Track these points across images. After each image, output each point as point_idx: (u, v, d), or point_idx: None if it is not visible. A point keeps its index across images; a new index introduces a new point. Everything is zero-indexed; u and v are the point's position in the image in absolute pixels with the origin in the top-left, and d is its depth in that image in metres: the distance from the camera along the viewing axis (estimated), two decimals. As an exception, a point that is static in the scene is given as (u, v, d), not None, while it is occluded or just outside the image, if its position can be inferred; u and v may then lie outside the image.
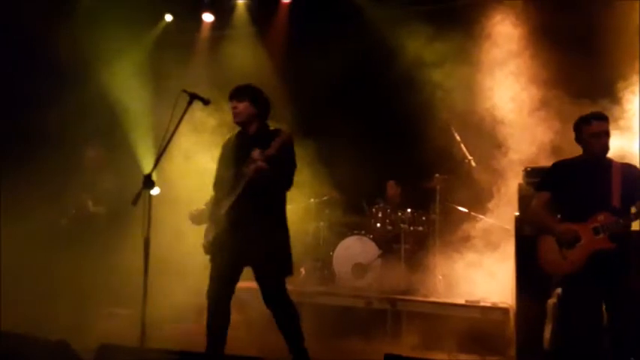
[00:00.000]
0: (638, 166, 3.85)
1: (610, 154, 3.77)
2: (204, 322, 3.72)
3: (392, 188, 7.00)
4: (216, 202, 3.86)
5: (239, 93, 3.82)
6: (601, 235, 3.55)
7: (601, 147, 3.67)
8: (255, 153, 3.58)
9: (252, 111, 3.82)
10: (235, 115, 3.83)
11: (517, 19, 6.14)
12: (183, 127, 3.80)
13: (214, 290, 3.74)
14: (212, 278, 3.76)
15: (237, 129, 3.98)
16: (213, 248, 3.75)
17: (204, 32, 8.18)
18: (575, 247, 3.60)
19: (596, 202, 3.61)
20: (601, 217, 3.56)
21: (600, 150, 3.68)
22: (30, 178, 5.92)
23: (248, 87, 3.88)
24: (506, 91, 5.97)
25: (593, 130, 3.66)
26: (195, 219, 3.97)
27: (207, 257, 3.82)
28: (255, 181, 3.61)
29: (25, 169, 5.96)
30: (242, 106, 3.79)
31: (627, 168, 3.73)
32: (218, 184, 3.92)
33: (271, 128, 3.91)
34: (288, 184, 3.82)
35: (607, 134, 3.70)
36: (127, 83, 6.64)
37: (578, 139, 3.78)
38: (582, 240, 3.60)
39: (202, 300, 3.75)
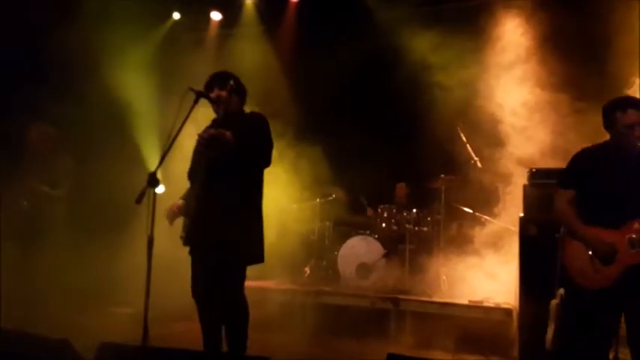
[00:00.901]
0: None
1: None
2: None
3: (401, 189, 7.00)
4: (189, 192, 3.78)
5: (220, 81, 3.70)
6: (637, 249, 3.18)
7: (632, 140, 3.25)
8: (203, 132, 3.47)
9: (234, 99, 3.73)
10: (220, 103, 3.68)
11: (525, 21, 6.12)
12: (190, 126, 3.80)
13: (196, 286, 3.64)
14: (192, 274, 3.66)
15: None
16: (188, 240, 3.64)
17: (212, 30, 8.20)
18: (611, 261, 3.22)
19: (631, 205, 3.21)
20: (637, 226, 3.18)
21: (634, 143, 3.25)
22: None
23: (228, 74, 3.77)
24: (512, 92, 5.95)
25: (628, 121, 3.23)
26: (172, 213, 3.72)
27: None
28: (213, 162, 3.49)
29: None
30: (225, 93, 3.67)
31: None
32: (191, 173, 3.79)
33: (247, 112, 3.81)
34: (257, 162, 3.60)
35: None
36: (134, 81, 6.67)
37: (608, 126, 3.35)
38: (618, 254, 3.20)
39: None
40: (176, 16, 7.85)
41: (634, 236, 3.20)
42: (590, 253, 3.29)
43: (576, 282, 3.35)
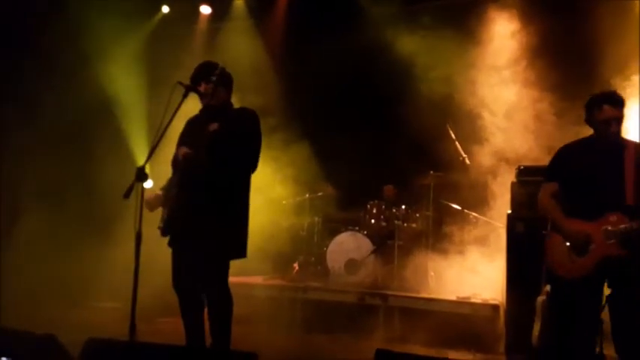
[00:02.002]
0: None
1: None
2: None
3: (389, 191, 6.99)
4: (170, 182, 3.74)
5: (205, 74, 3.65)
6: (612, 241, 3.26)
7: (609, 135, 3.35)
8: (181, 151, 3.51)
9: (221, 90, 3.68)
10: (205, 96, 3.64)
11: (517, 19, 6.13)
12: (178, 120, 3.77)
13: (176, 278, 3.60)
14: (172, 266, 3.61)
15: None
16: (167, 230, 3.60)
17: (202, 24, 8.14)
18: (586, 252, 3.33)
19: (608, 198, 3.30)
20: (613, 219, 3.27)
21: (610, 138, 3.36)
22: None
23: (212, 65, 3.68)
24: (503, 90, 5.98)
25: (604, 116, 3.34)
26: (150, 204, 3.62)
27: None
28: (188, 164, 3.50)
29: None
30: (211, 86, 3.61)
31: None
32: (175, 162, 3.74)
33: (235, 107, 3.77)
34: (242, 162, 3.58)
35: (618, 121, 3.36)
36: (122, 74, 6.62)
37: (588, 121, 3.46)
38: (593, 244, 3.31)
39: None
40: (165, 9, 7.78)
41: (609, 228, 3.28)
42: (568, 244, 3.40)
43: (555, 272, 3.48)
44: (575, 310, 3.42)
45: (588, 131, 3.56)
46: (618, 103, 3.38)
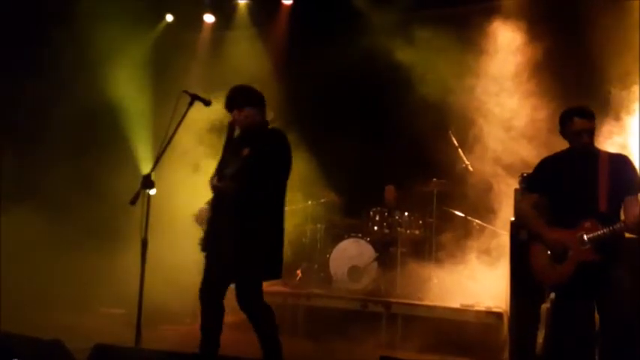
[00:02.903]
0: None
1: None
2: (200, 324, 3.72)
3: (390, 192, 7.00)
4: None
5: (237, 102, 3.79)
6: (587, 246, 3.42)
7: (582, 146, 3.52)
8: (213, 180, 3.66)
9: (254, 116, 3.80)
10: (239, 121, 3.79)
11: (519, 29, 6.16)
12: (184, 128, 3.81)
13: (203, 290, 3.72)
14: (203, 277, 3.74)
15: None
16: (203, 246, 3.74)
17: (206, 33, 8.19)
18: (564, 259, 3.48)
19: (583, 206, 3.47)
20: (587, 225, 3.43)
21: (581, 149, 3.53)
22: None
23: (241, 92, 3.84)
24: (505, 97, 6.00)
25: (574, 128, 3.52)
26: (198, 219, 3.85)
27: (201, 257, 3.81)
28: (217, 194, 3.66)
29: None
30: (244, 114, 3.77)
31: (616, 160, 3.55)
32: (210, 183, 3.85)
33: (270, 127, 3.87)
34: (270, 186, 3.69)
35: (589, 132, 3.52)
36: (127, 83, 6.66)
37: (562, 134, 3.64)
38: (570, 251, 3.47)
39: (198, 302, 3.76)
40: (169, 18, 7.84)
41: (584, 234, 3.44)
42: (549, 252, 3.56)
43: (538, 280, 3.67)
44: (566, 318, 3.55)
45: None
46: (588, 115, 3.54)
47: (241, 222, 3.56)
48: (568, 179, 3.56)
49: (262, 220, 3.63)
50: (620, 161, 3.56)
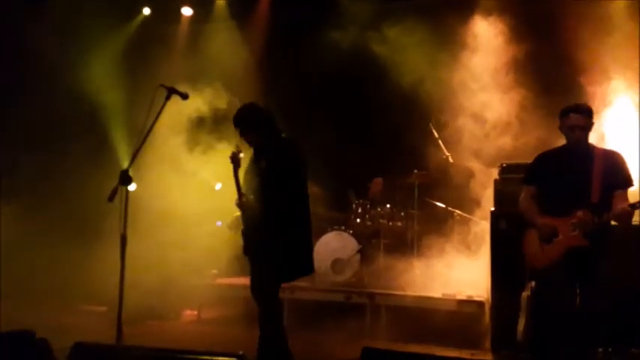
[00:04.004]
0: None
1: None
2: (183, 319, 3.72)
3: (377, 185, 7.00)
4: None
5: (241, 127, 4.01)
6: (576, 232, 3.62)
7: (574, 140, 3.73)
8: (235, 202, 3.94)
9: (258, 137, 4.01)
10: (248, 143, 4.05)
11: (503, 14, 6.18)
12: (161, 122, 3.77)
13: (252, 289, 4.03)
14: (250, 278, 4.08)
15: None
16: (245, 251, 4.05)
17: (184, 26, 8.09)
18: (552, 242, 3.70)
19: (577, 197, 3.66)
20: (580, 214, 3.61)
21: (574, 143, 3.74)
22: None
23: (243, 119, 4.02)
24: (485, 88, 6.03)
25: (569, 123, 3.73)
26: (231, 226, 4.11)
27: (183, 253, 3.86)
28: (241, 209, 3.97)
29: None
30: (249, 137, 4.01)
31: (610, 157, 3.77)
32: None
33: (284, 136, 4.09)
34: (289, 193, 3.91)
35: (583, 128, 3.73)
36: (104, 76, 6.56)
37: (560, 129, 3.83)
38: (560, 235, 3.68)
39: (179, 297, 3.74)
40: (146, 11, 7.73)
41: (575, 221, 3.65)
42: (539, 236, 3.79)
43: (530, 264, 3.92)
44: (552, 301, 3.74)
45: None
46: (583, 112, 3.74)
47: (265, 228, 3.85)
48: (563, 173, 3.77)
49: (282, 224, 3.87)
50: (614, 158, 3.78)
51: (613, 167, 3.71)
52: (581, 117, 3.71)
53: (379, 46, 6.54)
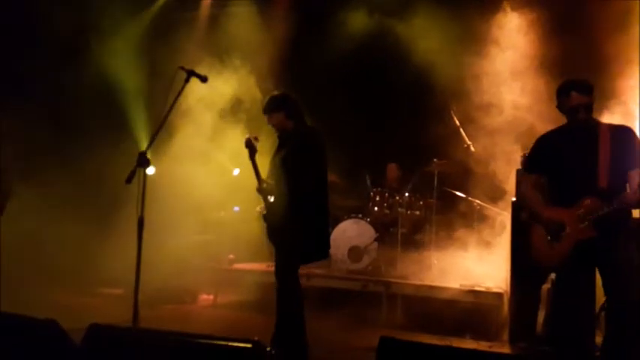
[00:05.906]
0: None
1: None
2: (199, 304, 3.72)
3: (392, 171, 6.95)
4: None
5: (265, 108, 4.13)
6: (585, 224, 3.28)
7: (578, 122, 3.34)
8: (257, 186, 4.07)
9: (284, 120, 4.09)
10: (272, 126, 4.14)
11: (524, 4, 6.05)
12: (180, 105, 3.75)
13: (276, 273, 4.08)
14: (275, 263, 4.12)
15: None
16: (269, 237, 4.16)
17: (204, 9, 8.06)
18: (561, 237, 3.34)
19: (583, 183, 3.31)
20: (587, 202, 3.27)
21: (578, 125, 3.36)
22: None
23: (269, 100, 4.14)
24: (508, 77, 5.91)
25: (571, 103, 3.32)
26: (261, 212, 4.19)
27: (200, 238, 3.86)
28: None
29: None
30: (274, 118, 4.08)
31: (619, 132, 3.35)
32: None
33: (309, 124, 4.17)
34: (307, 182, 3.96)
35: (587, 107, 3.31)
36: (124, 60, 6.57)
37: (559, 108, 3.45)
38: (567, 229, 3.33)
39: (195, 282, 3.74)
40: (167, -5, 7.70)
41: (582, 211, 3.29)
42: (546, 232, 3.44)
43: (538, 261, 3.55)
44: (569, 299, 3.47)
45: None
46: (586, 89, 3.33)
47: (284, 213, 3.91)
48: (567, 156, 3.41)
49: (301, 208, 3.90)
50: (622, 133, 3.36)
51: (622, 144, 3.28)
52: (584, 96, 3.30)
53: (402, 32, 6.44)
